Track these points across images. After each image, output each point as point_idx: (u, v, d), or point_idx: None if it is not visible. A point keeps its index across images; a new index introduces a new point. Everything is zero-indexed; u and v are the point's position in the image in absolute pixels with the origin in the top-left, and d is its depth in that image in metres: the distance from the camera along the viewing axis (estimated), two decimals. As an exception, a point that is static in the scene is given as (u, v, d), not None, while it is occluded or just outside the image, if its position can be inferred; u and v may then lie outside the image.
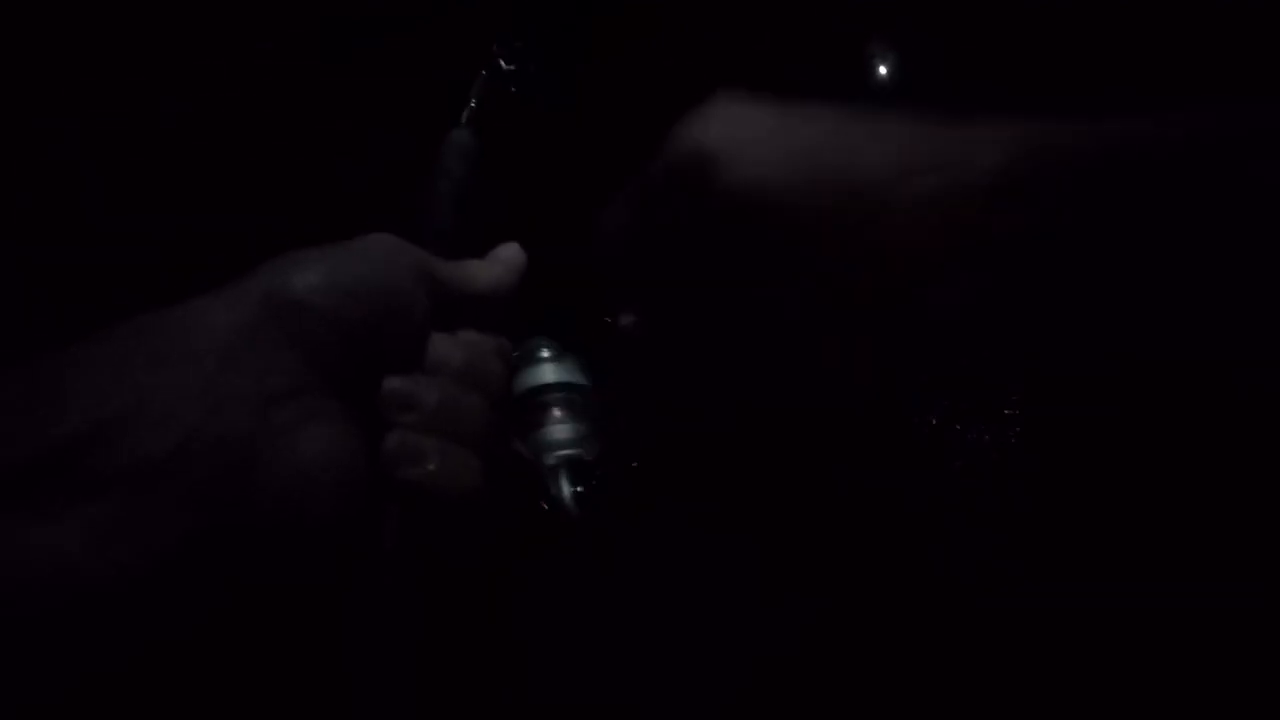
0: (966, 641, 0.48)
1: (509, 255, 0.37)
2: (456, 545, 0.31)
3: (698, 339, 0.35)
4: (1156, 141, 0.26)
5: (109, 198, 0.60)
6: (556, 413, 0.43)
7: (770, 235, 0.31)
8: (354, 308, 0.29)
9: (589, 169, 0.54)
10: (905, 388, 0.43)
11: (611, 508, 0.41)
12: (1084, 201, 0.27)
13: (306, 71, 0.62)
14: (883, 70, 0.63)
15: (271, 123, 0.62)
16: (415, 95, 0.56)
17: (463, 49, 0.52)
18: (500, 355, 0.34)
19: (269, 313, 0.27)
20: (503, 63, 0.44)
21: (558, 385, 0.43)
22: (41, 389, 0.24)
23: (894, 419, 0.49)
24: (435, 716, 0.33)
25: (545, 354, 0.44)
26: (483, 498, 0.30)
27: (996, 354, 0.38)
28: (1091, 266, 0.27)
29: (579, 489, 0.40)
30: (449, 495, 0.29)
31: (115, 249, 0.58)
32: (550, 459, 0.41)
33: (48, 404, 0.24)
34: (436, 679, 0.32)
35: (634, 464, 0.42)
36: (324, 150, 0.62)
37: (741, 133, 0.31)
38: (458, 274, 0.34)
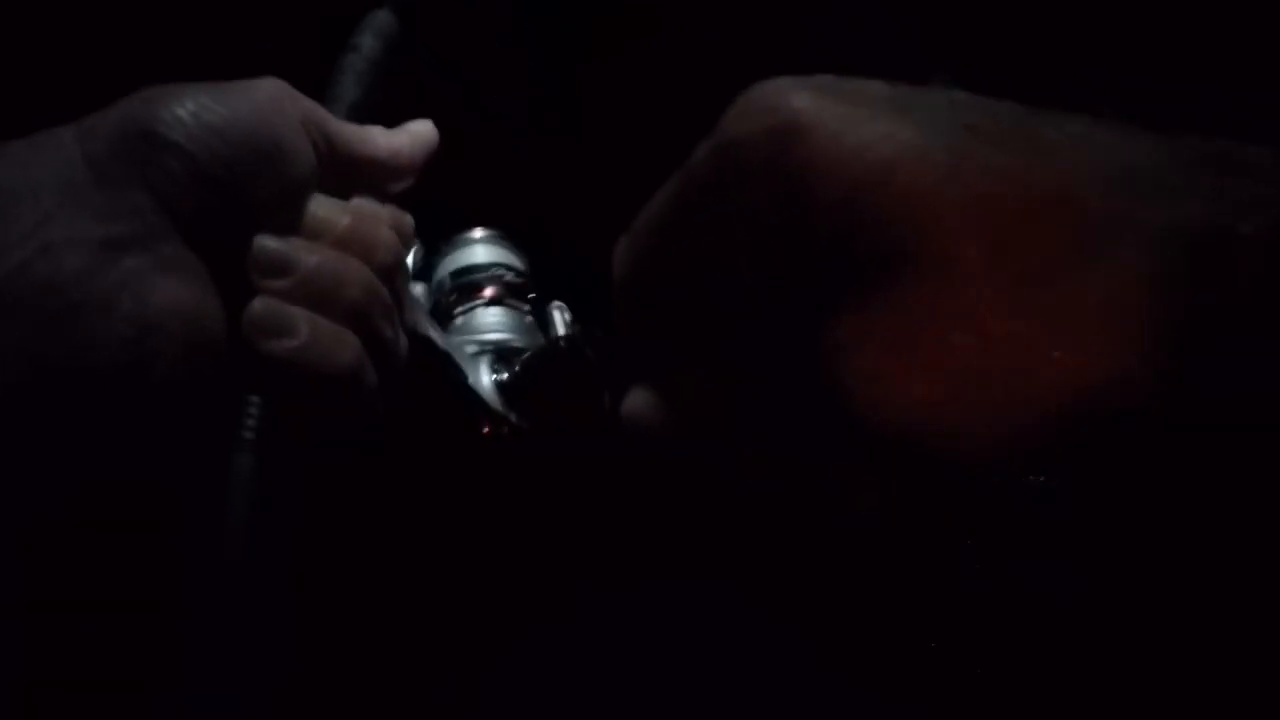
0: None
1: (419, 128, 0.33)
2: (325, 434, 0.27)
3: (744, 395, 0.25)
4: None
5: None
6: (487, 294, 0.37)
7: (890, 222, 0.20)
8: (221, 148, 0.24)
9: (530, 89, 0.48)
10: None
11: (541, 409, 0.34)
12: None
13: (306, 71, 0.62)
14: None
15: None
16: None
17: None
18: (396, 226, 0.30)
19: (122, 146, 0.23)
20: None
21: (490, 266, 0.38)
22: None
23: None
24: (310, 649, 0.29)
25: (479, 234, 0.40)
26: (359, 382, 0.25)
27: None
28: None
29: (503, 378, 0.34)
30: (318, 374, 0.25)
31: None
32: (471, 346, 0.35)
33: None
34: (308, 602, 0.28)
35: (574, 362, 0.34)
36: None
37: (844, 97, 0.22)
38: (355, 134, 0.30)
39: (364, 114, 0.33)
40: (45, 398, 0.20)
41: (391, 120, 0.34)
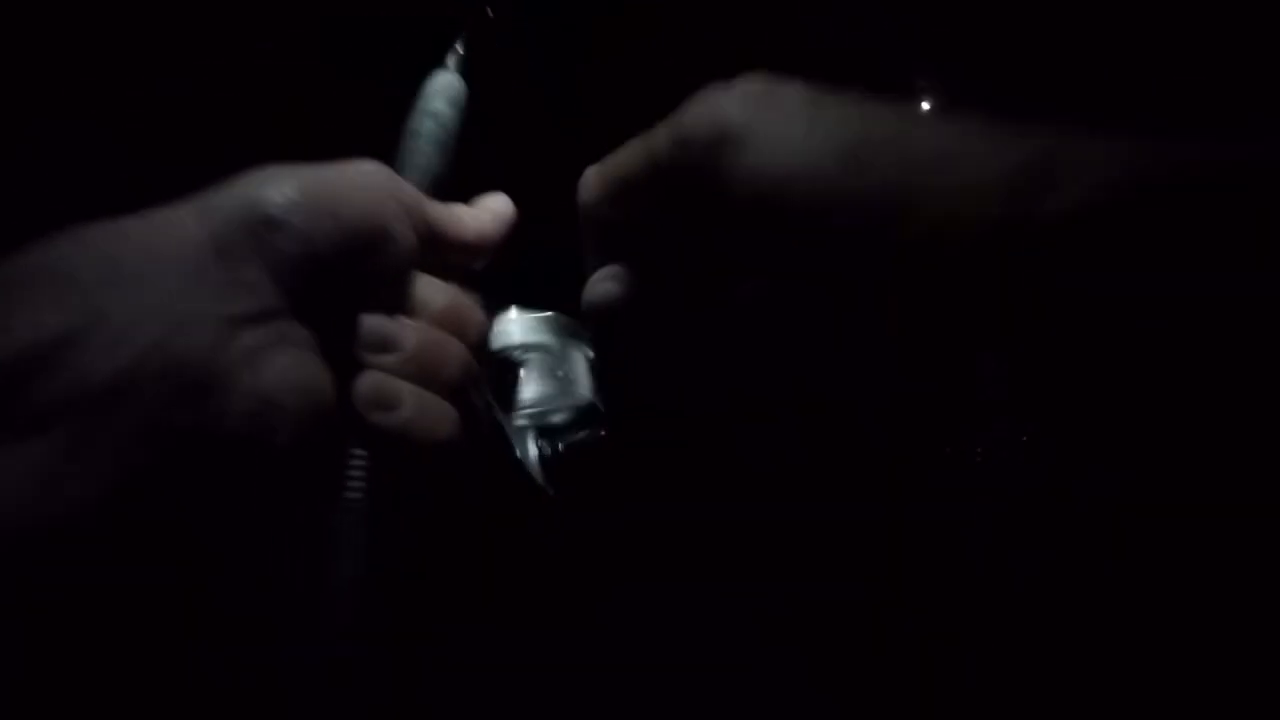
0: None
1: (498, 205, 0.35)
2: (424, 499, 0.29)
3: (689, 325, 0.33)
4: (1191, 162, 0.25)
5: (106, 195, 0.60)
6: (525, 373, 0.41)
7: (788, 225, 0.28)
8: (333, 231, 0.26)
9: (578, 138, 0.52)
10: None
11: (583, 478, 0.39)
12: (1107, 199, 0.25)
13: (306, 71, 0.62)
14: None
15: (272, 122, 0.61)
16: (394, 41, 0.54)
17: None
18: (480, 306, 0.33)
19: (241, 228, 0.25)
20: (490, 10, 0.42)
21: (528, 345, 0.41)
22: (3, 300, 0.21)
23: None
24: (398, 675, 0.31)
25: (515, 313, 0.43)
26: (456, 452, 0.28)
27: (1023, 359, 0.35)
28: (1110, 265, 0.25)
29: (547, 453, 0.38)
30: (421, 445, 0.27)
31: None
32: (518, 419, 0.39)
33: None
34: (399, 632, 0.30)
35: (604, 433, 0.40)
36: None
37: (768, 110, 0.28)
38: (448, 217, 0.32)
39: (444, 186, 0.35)
40: (177, 466, 0.22)
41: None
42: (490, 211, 0.35)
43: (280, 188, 0.26)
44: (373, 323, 0.28)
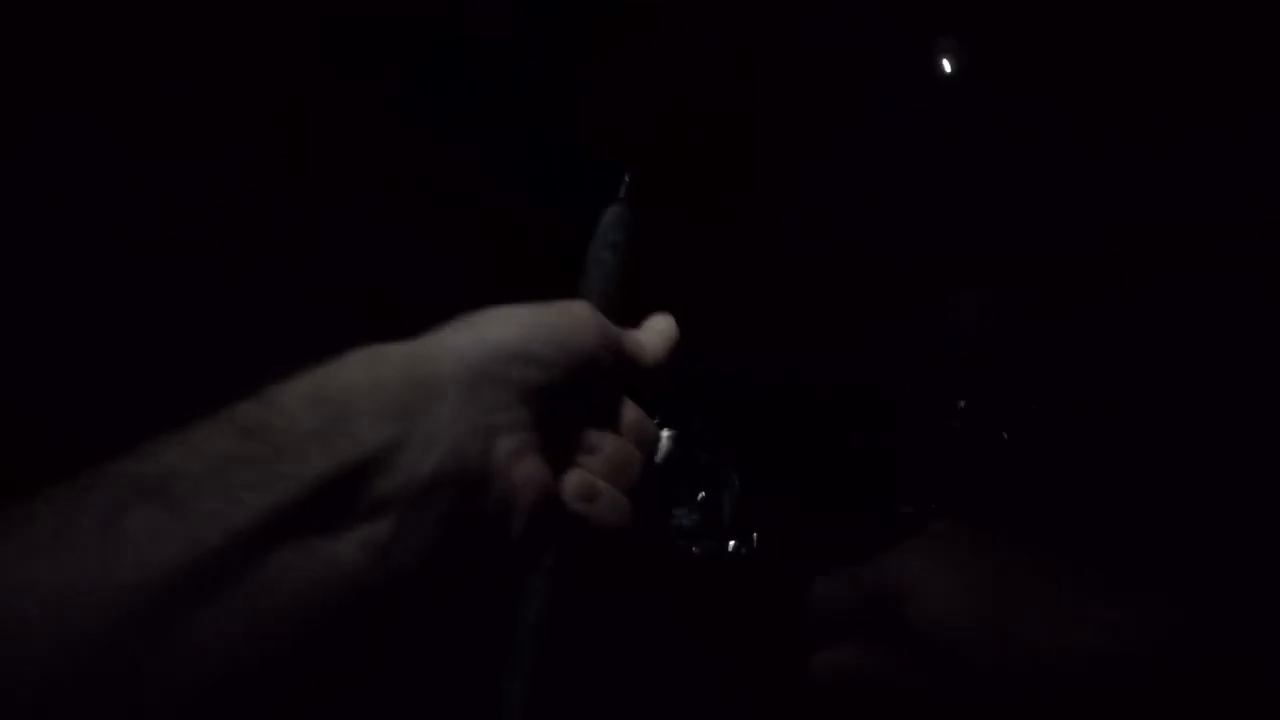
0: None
1: (666, 328, 0.42)
2: (599, 564, 0.37)
3: None
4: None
5: (106, 195, 0.60)
6: (676, 480, 0.57)
7: (945, 661, 0.41)
8: (566, 362, 0.34)
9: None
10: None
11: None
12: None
13: (306, 71, 0.62)
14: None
15: (272, 122, 0.61)
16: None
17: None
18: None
19: (497, 357, 0.32)
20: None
21: (679, 460, 0.56)
22: (328, 410, 0.28)
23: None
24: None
25: (667, 433, 0.57)
26: (628, 536, 0.36)
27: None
28: None
29: (694, 548, 0.55)
30: (606, 528, 0.35)
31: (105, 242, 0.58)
32: (676, 519, 0.56)
33: (332, 428, 0.27)
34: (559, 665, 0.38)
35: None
36: (327, 149, 0.62)
37: (937, 573, 0.42)
38: (634, 345, 0.39)
39: (618, 306, 0.42)
40: (459, 543, 0.29)
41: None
42: (661, 335, 0.41)
43: (525, 328, 0.34)
44: (588, 433, 0.36)
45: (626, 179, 0.45)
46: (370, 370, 0.30)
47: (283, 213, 0.61)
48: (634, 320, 0.41)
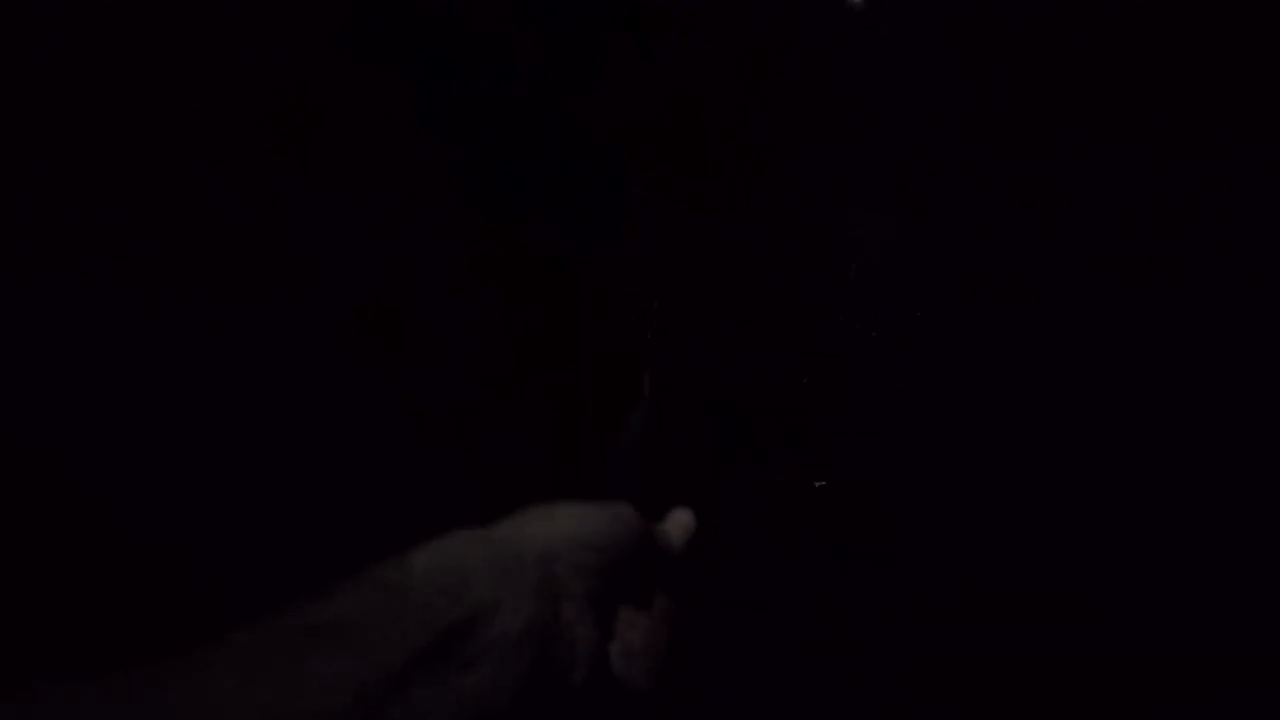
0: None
1: (686, 521, 0.51)
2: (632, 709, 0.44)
3: None
4: None
5: (108, 195, 0.60)
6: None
7: None
8: (617, 553, 0.42)
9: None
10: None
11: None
12: None
13: (308, 71, 0.62)
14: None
15: (272, 121, 0.61)
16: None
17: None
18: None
19: (566, 544, 0.40)
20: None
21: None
22: (448, 577, 0.35)
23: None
24: None
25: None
26: (656, 693, 0.43)
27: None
28: None
29: None
30: (638, 686, 0.42)
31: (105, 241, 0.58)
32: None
33: (452, 589, 0.34)
34: None
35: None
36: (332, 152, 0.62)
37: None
38: (665, 540, 0.48)
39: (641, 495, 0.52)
40: (535, 689, 0.35)
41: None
42: (684, 528, 0.50)
43: (588, 524, 0.42)
44: (625, 609, 0.43)
45: (647, 383, 0.53)
46: (474, 547, 0.37)
47: (283, 212, 0.61)
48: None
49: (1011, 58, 0.59)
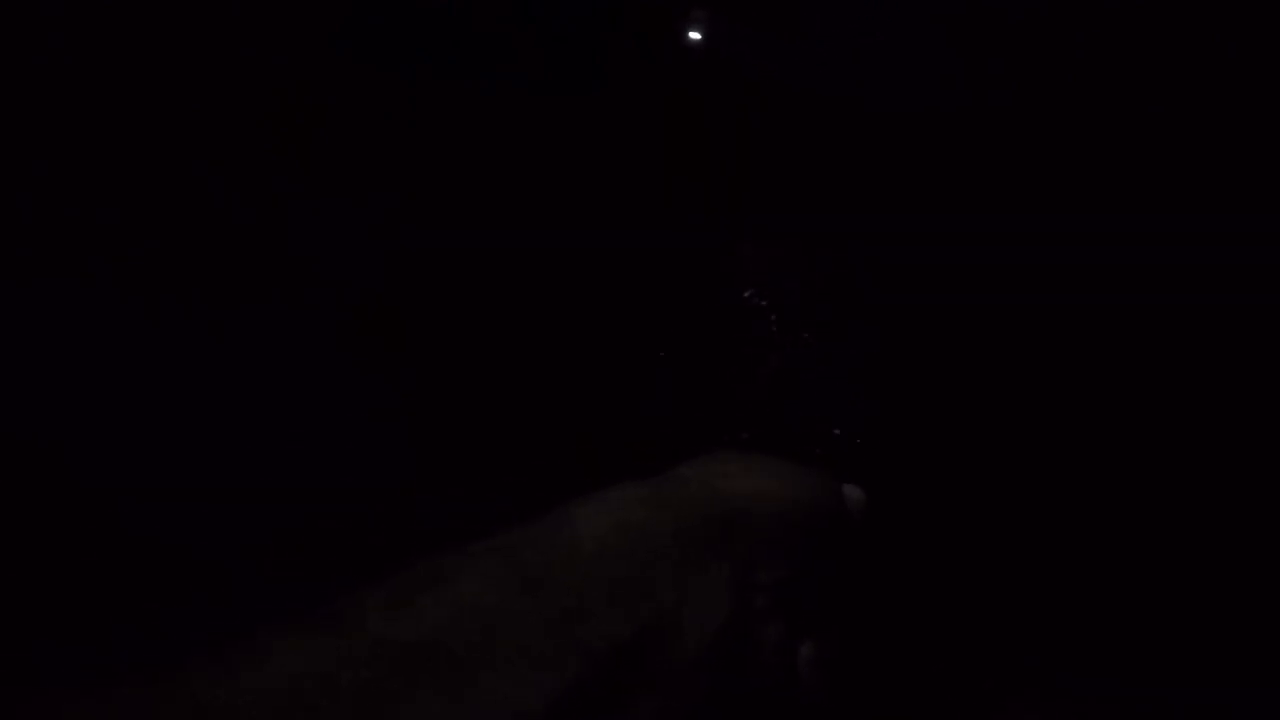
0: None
1: (861, 499, 0.44)
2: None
3: None
4: None
5: (110, 195, 0.60)
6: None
7: None
8: (817, 534, 0.37)
9: None
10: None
11: None
12: None
13: (309, 71, 0.62)
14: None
15: (272, 121, 0.61)
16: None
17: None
18: None
19: (767, 511, 0.35)
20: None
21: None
22: (622, 564, 0.28)
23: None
24: None
25: None
26: (834, 708, 0.38)
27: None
28: None
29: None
30: (817, 699, 0.36)
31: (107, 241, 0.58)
32: None
33: (629, 585, 0.28)
34: None
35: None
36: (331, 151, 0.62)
37: None
38: (854, 519, 0.41)
39: None
40: (727, 686, 0.30)
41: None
42: (860, 505, 0.43)
43: (792, 491, 0.37)
44: (811, 612, 0.37)
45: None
46: (656, 514, 0.29)
47: (283, 211, 0.61)
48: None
49: (1011, 58, 0.59)
